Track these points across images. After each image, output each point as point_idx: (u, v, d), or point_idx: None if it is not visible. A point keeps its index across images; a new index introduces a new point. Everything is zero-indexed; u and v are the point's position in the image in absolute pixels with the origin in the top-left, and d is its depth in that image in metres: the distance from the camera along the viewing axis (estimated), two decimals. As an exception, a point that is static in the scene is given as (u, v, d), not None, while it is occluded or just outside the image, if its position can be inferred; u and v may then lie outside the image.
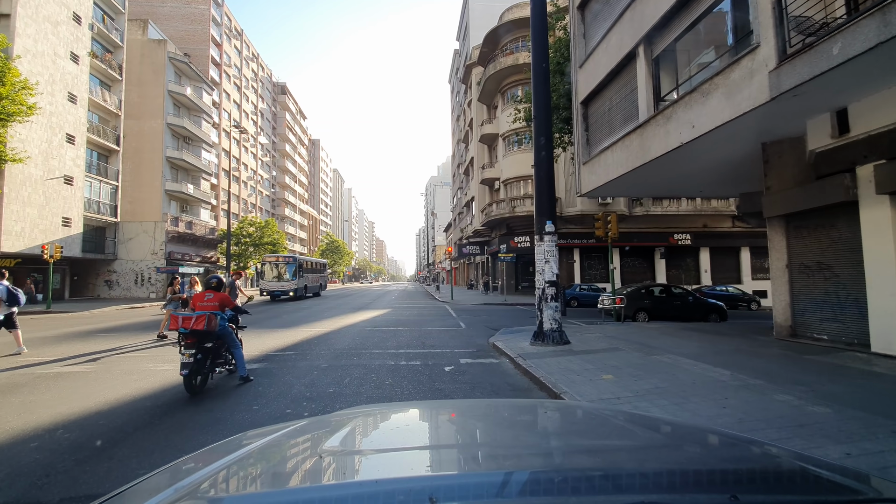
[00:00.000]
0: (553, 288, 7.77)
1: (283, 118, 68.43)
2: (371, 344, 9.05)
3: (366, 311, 18.06)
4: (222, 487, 1.03)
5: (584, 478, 0.98)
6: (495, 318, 14.80)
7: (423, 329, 11.66)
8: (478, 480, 0.99)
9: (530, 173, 27.18)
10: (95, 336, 10.47)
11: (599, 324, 12.15)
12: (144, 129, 34.10)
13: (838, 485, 0.96)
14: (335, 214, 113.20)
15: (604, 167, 10.27)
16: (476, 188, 33.55)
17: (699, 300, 14.15)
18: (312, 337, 10.04)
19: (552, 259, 7.84)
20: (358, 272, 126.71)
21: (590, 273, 27.46)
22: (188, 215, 37.04)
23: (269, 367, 6.72)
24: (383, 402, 4.88)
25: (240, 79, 52.89)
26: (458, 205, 52.26)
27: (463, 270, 54.50)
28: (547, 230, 7.89)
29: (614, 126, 9.85)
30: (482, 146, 32.79)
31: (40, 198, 22.99)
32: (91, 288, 28.83)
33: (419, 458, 1.20)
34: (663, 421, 1.83)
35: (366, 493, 0.88)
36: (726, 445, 1.34)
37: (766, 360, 6.35)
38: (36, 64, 22.85)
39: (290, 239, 66.98)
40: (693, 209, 27.38)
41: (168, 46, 35.84)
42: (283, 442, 1.32)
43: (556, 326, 7.76)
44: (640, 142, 8.67)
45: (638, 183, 10.49)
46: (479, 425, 1.57)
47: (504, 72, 27.07)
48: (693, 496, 0.88)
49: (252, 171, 55.26)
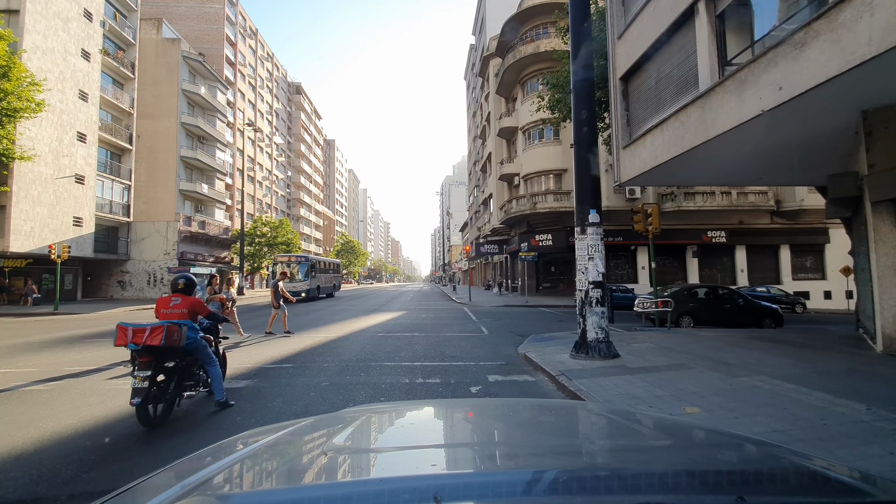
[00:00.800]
0: (598, 290, 6.44)
1: (298, 118, 68.22)
2: (383, 354, 7.87)
3: (379, 313, 16.94)
4: (229, 484, 1.03)
5: (589, 477, 0.98)
6: (519, 322, 13.47)
7: (442, 335, 10.43)
8: (482, 480, 0.99)
9: (552, 167, 25.72)
10: (84, 343, 9.55)
11: (641, 330, 10.71)
12: (159, 128, 33.81)
13: (847, 486, 0.96)
14: (350, 215, 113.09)
15: (650, 150, 8.86)
16: (494, 185, 32.19)
17: (751, 303, 12.55)
18: (318, 344, 8.91)
19: (597, 255, 6.51)
20: (373, 273, 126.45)
21: (615, 273, 25.80)
22: (203, 215, 36.69)
23: (259, 385, 5.59)
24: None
25: (255, 78, 52.68)
26: (474, 203, 50.95)
27: (479, 271, 53.17)
28: (590, 220, 6.57)
29: (663, 101, 8.44)
30: (500, 141, 31.42)
31: (50, 197, 22.62)
32: (104, 289, 28.54)
33: (425, 456, 1.17)
34: (669, 421, 1.76)
35: (370, 491, 0.89)
36: (733, 446, 1.32)
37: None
38: (46, 61, 22.51)
39: (306, 239, 66.72)
40: (728, 204, 25.47)
41: (182, 45, 35.54)
42: (290, 440, 1.32)
43: (602, 336, 6.43)
44: (700, 115, 7.26)
45: (689, 168, 9.02)
46: (484, 424, 1.55)
47: (524, 61, 25.66)
48: (700, 497, 0.88)
49: (267, 171, 55.03)
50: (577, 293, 6.67)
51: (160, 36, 35.54)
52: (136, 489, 0.97)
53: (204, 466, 1.06)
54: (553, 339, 9.02)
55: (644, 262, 25.51)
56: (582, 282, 6.54)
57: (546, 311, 18.44)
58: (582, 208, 6.68)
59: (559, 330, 11.26)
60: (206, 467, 1.05)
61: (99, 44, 26.30)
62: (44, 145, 22.25)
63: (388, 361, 7.19)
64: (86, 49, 25.21)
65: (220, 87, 40.54)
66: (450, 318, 15.18)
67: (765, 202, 25.74)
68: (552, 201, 24.23)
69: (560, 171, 25.58)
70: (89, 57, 25.47)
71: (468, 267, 59.01)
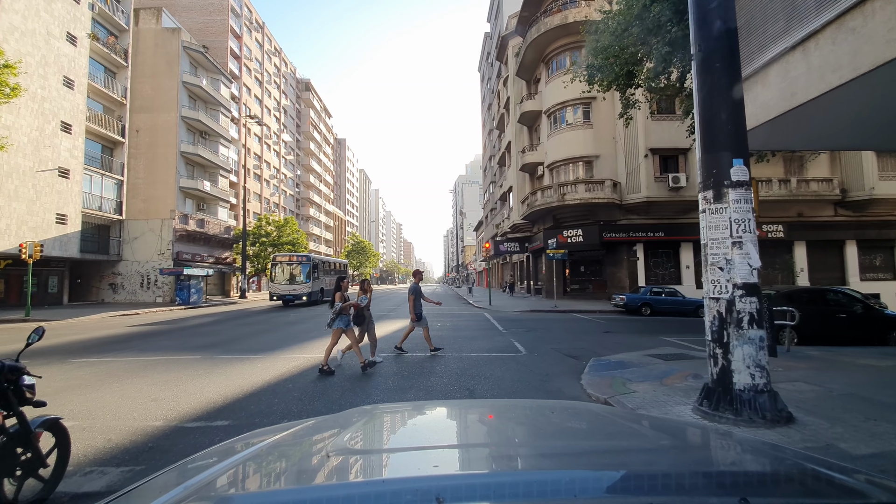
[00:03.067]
0: (752, 300, 3.65)
1: (307, 116, 66.35)
2: (381, 392, 5.20)
3: (386, 321, 14.31)
4: (232, 485, 1.03)
5: (592, 478, 0.98)
6: (559, 335, 10.67)
7: (464, 356, 7.72)
8: (485, 481, 0.99)
9: (582, 154, 22.76)
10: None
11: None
12: (158, 122, 31.92)
13: (851, 488, 0.96)
14: (362, 216, 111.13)
15: (779, 86, 5.92)
16: (514, 176, 29.35)
17: (872, 311, 9.49)
18: (289, 375, 6.28)
19: (748, 238, 3.72)
20: (385, 274, 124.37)
21: (656, 273, 22.69)
22: (205, 214, 34.69)
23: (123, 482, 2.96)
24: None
25: (261, 73, 50.83)
26: (490, 200, 48.12)
27: (496, 271, 50.28)
28: (734, 177, 3.78)
29: (803, 7, 5.59)
30: (521, 128, 28.58)
31: (30, 192, 20.64)
32: (94, 292, 26.60)
33: (427, 457, 1.16)
34: (673, 422, 1.75)
35: (373, 492, 0.89)
36: (737, 447, 1.31)
37: None
38: (25, 43, 20.57)
39: (316, 240, 64.76)
40: (787, 194, 22.16)
41: (182, 35, 33.62)
42: (292, 441, 1.32)
43: (762, 382, 3.63)
44: (894, 11, 4.40)
45: (847, 112, 6.08)
46: (487, 425, 1.54)
47: (549, 35, 22.80)
48: (704, 498, 0.88)
49: (275, 170, 53.14)
50: (706, 304, 3.88)
51: (160, 25, 33.70)
52: (139, 490, 0.97)
53: (207, 467, 1.06)
54: (628, 368, 6.23)
55: (689, 261, 22.36)
56: (721, 284, 3.75)
57: (582, 318, 15.57)
58: (713, 158, 3.90)
59: (620, 348, 8.44)
60: (209, 468, 1.05)
61: (87, 28, 24.38)
62: (22, 135, 20.30)
63: (388, 405, 4.50)
64: (72, 32, 23.27)
65: (224, 80, 38.59)
66: (470, 327, 12.45)
67: (829, 191, 22.35)
68: (583, 192, 21.30)
69: (591, 157, 22.62)
70: (76, 41, 23.53)
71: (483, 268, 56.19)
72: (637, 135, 21.50)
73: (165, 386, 5.56)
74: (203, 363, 7.05)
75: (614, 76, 11.61)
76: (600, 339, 10.05)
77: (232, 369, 6.57)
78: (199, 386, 5.55)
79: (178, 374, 6.18)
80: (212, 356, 7.69)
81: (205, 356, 7.69)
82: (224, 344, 9.21)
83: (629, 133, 21.64)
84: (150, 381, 5.85)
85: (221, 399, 4.96)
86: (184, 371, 6.44)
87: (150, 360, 7.35)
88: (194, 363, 7.06)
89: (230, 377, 6.02)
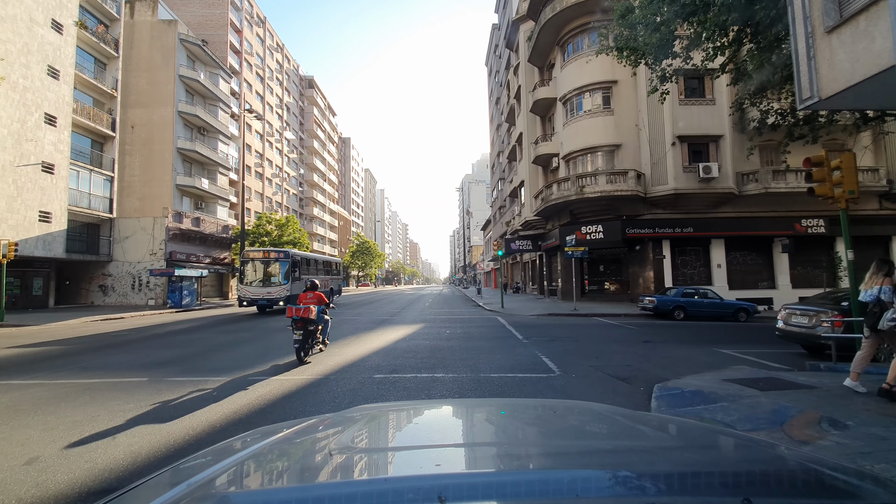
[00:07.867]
0: None
1: (310, 114, 65.01)
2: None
3: (387, 327, 12.62)
4: (233, 484, 1.01)
5: (595, 478, 0.97)
6: (592, 346, 8.90)
7: (481, 378, 6.02)
8: (487, 480, 0.97)
9: (602, 143, 20.87)
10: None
11: (826, 375, 6.02)
12: (154, 117, 30.67)
13: (853, 488, 0.95)
14: (367, 216, 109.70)
15: (889, 31, 4.30)
16: (526, 170, 27.55)
17: None
18: (236, 418, 4.62)
19: None
20: (391, 275, 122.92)
21: (683, 272, 20.76)
22: (203, 213, 33.34)
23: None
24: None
25: (262, 69, 49.52)
26: (499, 197, 46.32)
27: (505, 271, 48.42)
28: None
29: None
30: (534, 118, 26.79)
31: (9, 187, 19.31)
32: (84, 294, 25.26)
33: (429, 456, 1.15)
34: (675, 422, 1.70)
35: (374, 490, 0.89)
36: (740, 447, 1.30)
37: None
38: (5, 29, 19.25)
39: (320, 240, 63.42)
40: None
41: (179, 28, 32.36)
42: (294, 439, 1.30)
43: None
44: None
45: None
46: (489, 424, 1.53)
47: (565, 14, 21.01)
48: (706, 498, 0.87)
49: (277, 168, 51.82)
50: None
51: (155, 17, 32.47)
52: (140, 489, 0.96)
53: (208, 466, 1.05)
54: (715, 403, 4.47)
55: (720, 259, 20.43)
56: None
57: (609, 323, 13.78)
58: None
59: (676, 366, 6.68)
60: (210, 467, 1.04)
61: (74, 15, 23.05)
62: (1, 127, 18.98)
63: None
64: (57, 20, 21.94)
65: (223, 74, 37.26)
66: (484, 336, 10.73)
67: (875, 181, 20.27)
68: (604, 183, 19.46)
69: (612, 146, 20.77)
70: (62, 29, 22.20)
71: (492, 268, 54.32)
72: (663, 121, 19.61)
73: (67, 432, 3.94)
74: (142, 391, 5.42)
75: (653, 44, 9.86)
76: (645, 353, 8.29)
77: (169, 406, 4.93)
78: (106, 439, 3.90)
79: (96, 411, 4.57)
80: (162, 378, 6.07)
81: (153, 378, 6.07)
82: (188, 359, 7.60)
83: (654, 119, 19.76)
84: (54, 421, 4.26)
85: (122, 467, 3.31)
86: (110, 404, 4.82)
87: (82, 385, 5.76)
88: (133, 390, 5.44)
89: (159, 419, 4.38)
